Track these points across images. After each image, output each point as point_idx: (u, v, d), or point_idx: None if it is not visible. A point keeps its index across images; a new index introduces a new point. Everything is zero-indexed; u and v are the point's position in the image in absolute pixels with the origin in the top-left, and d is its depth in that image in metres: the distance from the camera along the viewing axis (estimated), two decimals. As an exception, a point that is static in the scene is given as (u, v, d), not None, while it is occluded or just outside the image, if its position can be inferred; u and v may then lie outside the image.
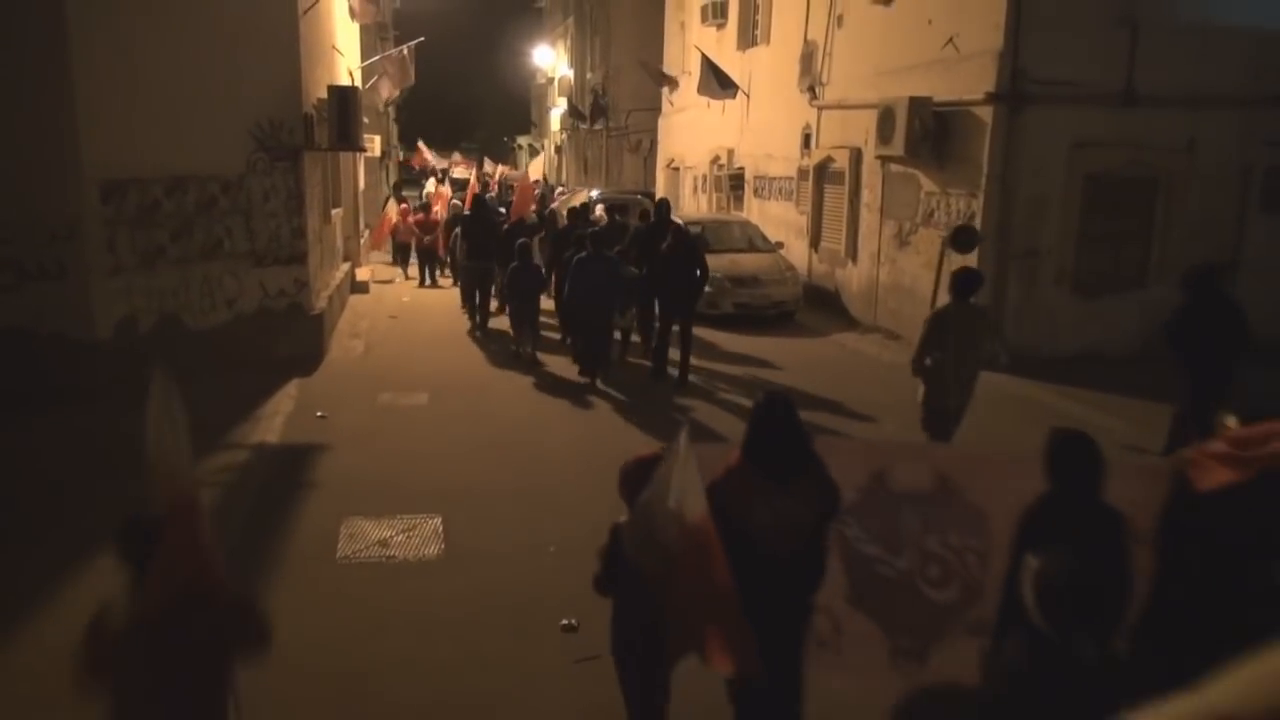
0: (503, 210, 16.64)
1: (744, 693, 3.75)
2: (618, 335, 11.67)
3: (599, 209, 15.72)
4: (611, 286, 10.65)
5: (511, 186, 23.22)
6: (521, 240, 12.34)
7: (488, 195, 20.44)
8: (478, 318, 13.99)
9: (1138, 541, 3.48)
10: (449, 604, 5.69)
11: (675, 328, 10.94)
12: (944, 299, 8.20)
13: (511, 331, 12.43)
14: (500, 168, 33.37)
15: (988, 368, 7.57)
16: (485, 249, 13.59)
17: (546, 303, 12.66)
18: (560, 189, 28.31)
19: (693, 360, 10.98)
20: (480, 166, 33.45)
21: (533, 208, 17.05)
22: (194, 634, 3.19)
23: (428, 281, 19.04)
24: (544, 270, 12.85)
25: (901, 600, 4.17)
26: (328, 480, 7.72)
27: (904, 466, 4.20)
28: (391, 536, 6.62)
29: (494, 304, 14.10)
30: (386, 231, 20.20)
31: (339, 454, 8.37)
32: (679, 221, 12.18)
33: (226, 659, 3.43)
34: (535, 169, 29.28)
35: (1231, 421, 3.14)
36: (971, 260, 10.12)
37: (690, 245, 11.07)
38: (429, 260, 19.18)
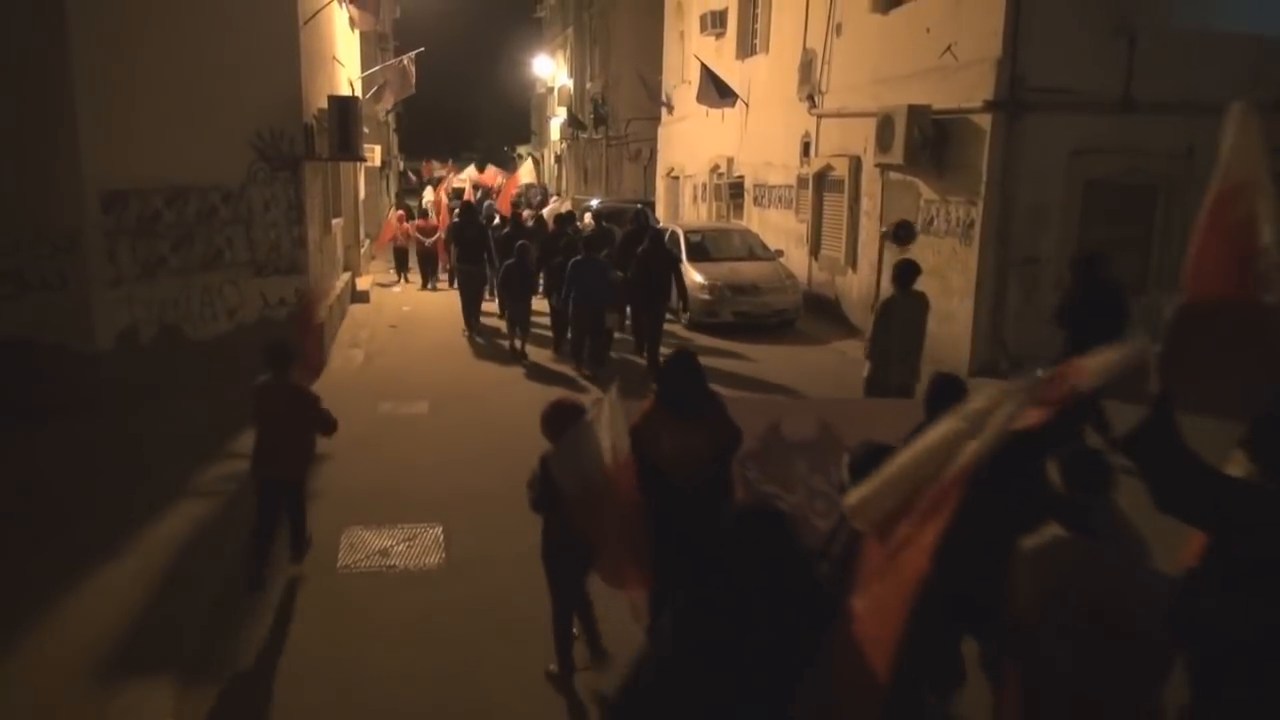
0: (496, 220, 17.62)
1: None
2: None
3: (587, 216, 16.68)
4: (604, 287, 11.34)
5: (493, 191, 24.26)
6: (521, 242, 13.12)
7: (486, 203, 21.06)
8: (473, 321, 14.43)
9: None
10: (449, 613, 5.69)
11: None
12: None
13: (505, 327, 13.30)
14: (485, 174, 33.70)
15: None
16: (475, 254, 14.29)
17: (540, 303, 13.42)
18: (554, 197, 28.67)
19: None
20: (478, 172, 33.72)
21: (527, 213, 18.32)
22: (304, 414, 6.17)
23: (427, 285, 19.56)
24: (533, 272, 13.46)
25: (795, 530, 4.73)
26: (328, 490, 7.70)
27: (794, 419, 5.00)
28: (392, 546, 6.61)
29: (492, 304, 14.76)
30: (389, 238, 20.80)
31: (339, 463, 8.35)
32: (656, 226, 13.13)
33: (315, 429, 6.30)
34: (526, 173, 30.02)
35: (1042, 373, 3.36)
36: (909, 252, 10.86)
37: (664, 249, 11.99)
38: (428, 264, 19.80)
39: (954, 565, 2.79)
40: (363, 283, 18.31)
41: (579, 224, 15.59)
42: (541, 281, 13.36)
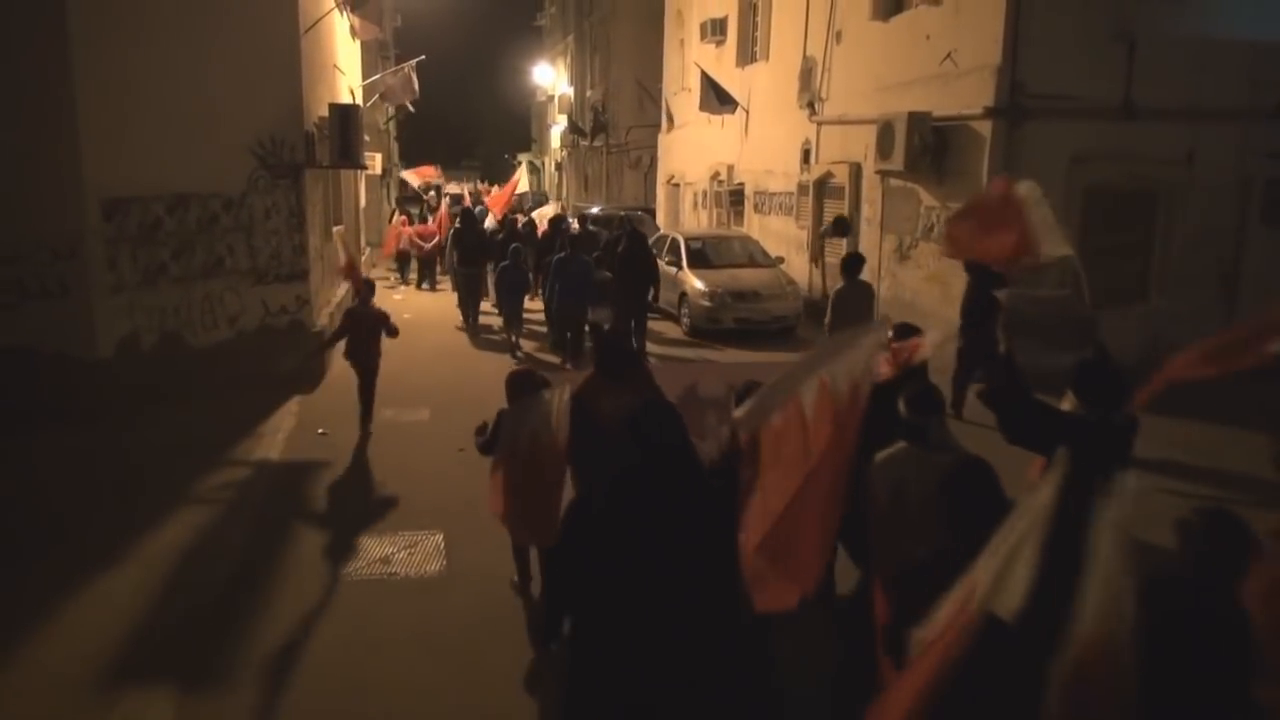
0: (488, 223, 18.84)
1: None
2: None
3: (574, 222, 18.31)
4: (585, 285, 12.19)
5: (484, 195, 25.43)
6: (515, 245, 14.35)
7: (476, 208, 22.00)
8: (470, 318, 15.50)
9: None
10: (450, 621, 5.67)
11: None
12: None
13: (503, 323, 14.28)
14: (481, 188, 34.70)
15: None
16: (474, 257, 15.40)
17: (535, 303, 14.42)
18: (550, 202, 29.08)
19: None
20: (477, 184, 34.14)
21: (520, 217, 19.96)
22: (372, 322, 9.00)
23: (425, 285, 20.82)
24: (529, 274, 14.58)
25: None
26: (329, 497, 7.71)
27: (706, 380, 5.80)
28: (393, 553, 6.60)
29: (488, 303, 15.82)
30: (394, 242, 21.45)
31: (340, 471, 8.36)
32: (636, 229, 14.22)
33: (381, 333, 9.01)
34: (520, 181, 30.34)
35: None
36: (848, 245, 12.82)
37: (644, 250, 12.98)
38: (428, 267, 21.01)
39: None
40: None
41: (563, 225, 16.93)
42: (532, 280, 14.60)
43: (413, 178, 31.05)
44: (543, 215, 21.16)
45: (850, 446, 3.39)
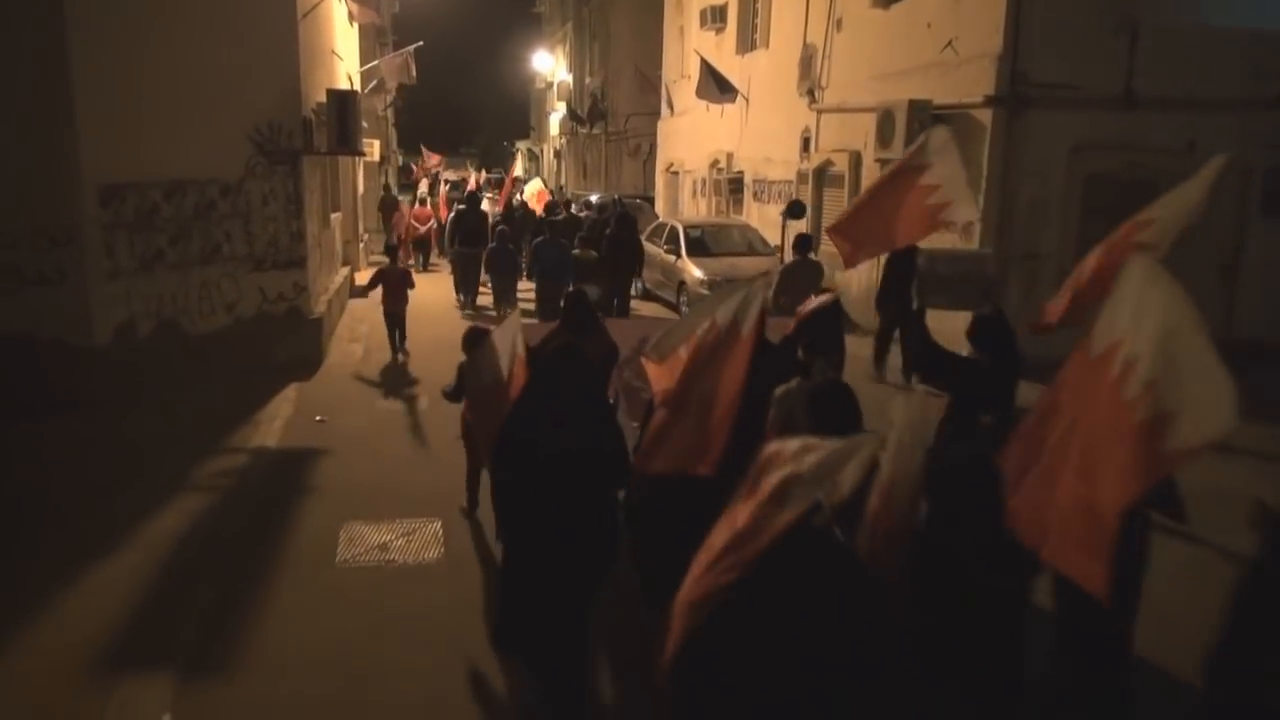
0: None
1: None
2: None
3: (574, 207, 20.25)
4: (563, 266, 12.84)
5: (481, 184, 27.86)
6: (501, 227, 15.52)
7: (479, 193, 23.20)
8: (464, 296, 16.19)
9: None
10: (448, 608, 5.67)
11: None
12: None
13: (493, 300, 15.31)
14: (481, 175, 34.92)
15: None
16: (475, 238, 16.08)
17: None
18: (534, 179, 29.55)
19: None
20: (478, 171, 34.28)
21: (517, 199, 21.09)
22: (398, 277, 12.04)
23: (421, 265, 21.23)
24: (516, 254, 15.72)
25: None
26: (327, 484, 7.70)
27: (654, 332, 6.06)
28: (391, 540, 6.60)
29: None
30: (405, 229, 21.25)
31: (338, 458, 8.35)
32: (623, 212, 15.42)
33: (406, 285, 12.05)
34: (517, 168, 31.92)
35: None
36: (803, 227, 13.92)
37: (628, 233, 13.88)
38: (422, 248, 21.67)
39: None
40: (360, 277, 18.26)
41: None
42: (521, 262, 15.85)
43: (431, 163, 31.60)
44: (532, 195, 21.47)
45: (740, 365, 4.41)
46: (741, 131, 19.42)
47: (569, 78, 42.26)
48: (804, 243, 10.92)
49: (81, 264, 9.39)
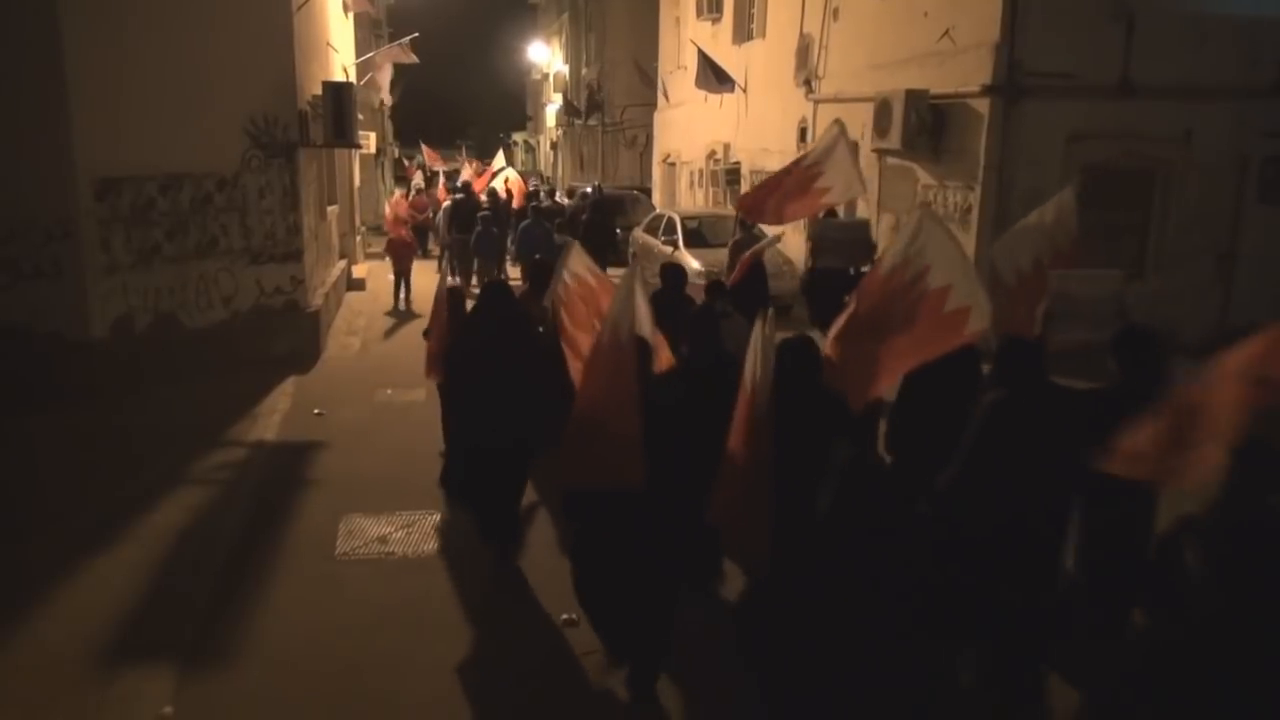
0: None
1: None
2: None
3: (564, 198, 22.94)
4: (546, 248, 13.54)
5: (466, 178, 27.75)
6: (483, 213, 16.61)
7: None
8: (459, 279, 16.75)
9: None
10: (447, 600, 5.69)
11: None
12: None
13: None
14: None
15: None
16: (468, 225, 16.93)
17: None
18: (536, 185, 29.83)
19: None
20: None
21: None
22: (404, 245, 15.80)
23: (422, 251, 21.54)
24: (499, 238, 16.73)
25: None
26: (326, 477, 7.70)
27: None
28: (390, 533, 6.61)
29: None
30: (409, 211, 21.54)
31: (337, 451, 8.35)
32: (600, 199, 17.67)
33: (411, 251, 16.10)
34: (498, 161, 31.21)
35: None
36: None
37: (604, 218, 15.83)
38: (421, 234, 21.95)
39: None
40: (358, 270, 18.27)
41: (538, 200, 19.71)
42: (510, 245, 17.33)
43: (426, 159, 31.75)
44: (510, 184, 21.53)
45: (625, 375, 4.60)
46: (738, 122, 19.39)
47: (565, 69, 42.15)
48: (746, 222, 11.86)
49: (78, 258, 9.36)
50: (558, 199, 22.81)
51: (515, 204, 20.04)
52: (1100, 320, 5.69)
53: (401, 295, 15.28)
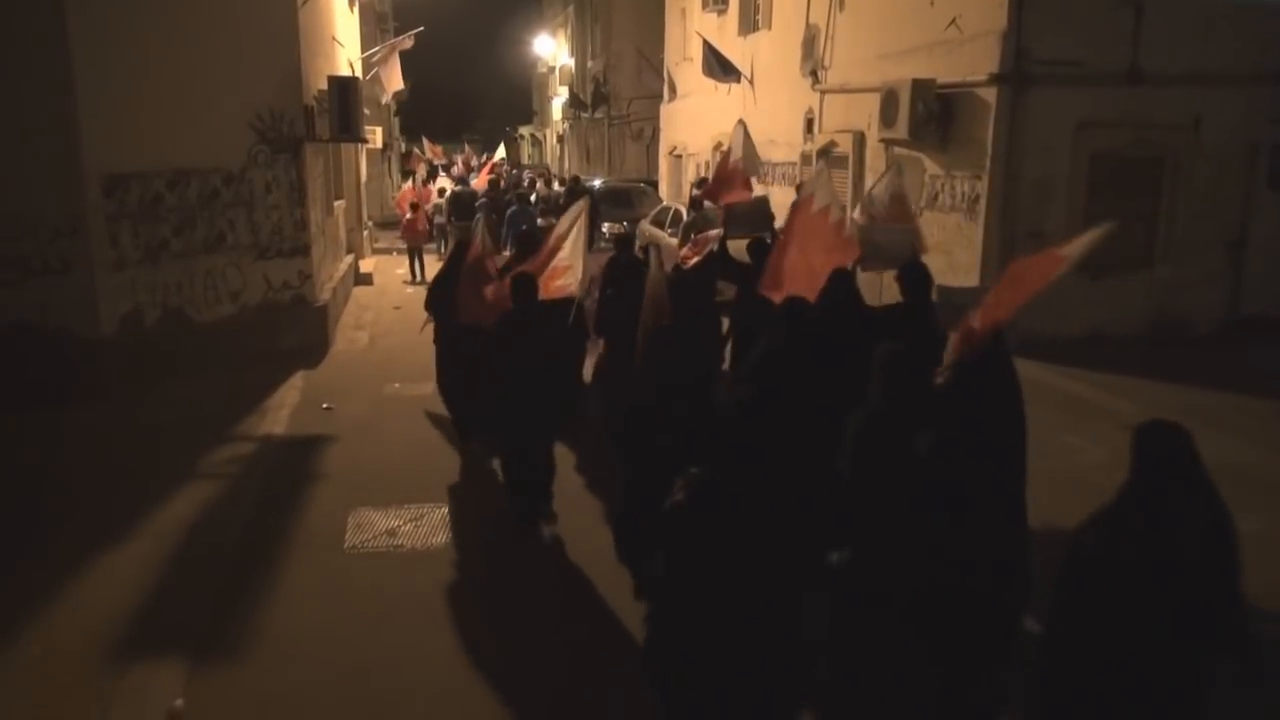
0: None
1: None
2: None
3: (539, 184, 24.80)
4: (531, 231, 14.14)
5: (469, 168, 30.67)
6: (480, 201, 17.60)
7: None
8: None
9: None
10: (456, 593, 5.70)
11: None
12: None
13: None
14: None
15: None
16: (468, 213, 17.49)
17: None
18: (527, 175, 30.52)
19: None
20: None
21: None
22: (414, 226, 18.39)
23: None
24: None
25: None
26: (334, 471, 7.72)
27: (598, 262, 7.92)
28: (399, 526, 6.62)
29: None
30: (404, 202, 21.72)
31: (345, 445, 8.37)
32: (587, 187, 18.43)
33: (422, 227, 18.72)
34: (499, 153, 32.77)
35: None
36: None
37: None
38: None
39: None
40: (365, 264, 18.34)
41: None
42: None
43: (430, 154, 31.88)
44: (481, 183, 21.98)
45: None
46: (744, 113, 19.30)
47: (571, 62, 42.06)
48: (698, 201, 14.05)
49: (86, 254, 9.39)
50: (551, 186, 25.50)
51: (477, 184, 21.43)
52: (896, 259, 7.03)
53: (416, 269, 17.63)
